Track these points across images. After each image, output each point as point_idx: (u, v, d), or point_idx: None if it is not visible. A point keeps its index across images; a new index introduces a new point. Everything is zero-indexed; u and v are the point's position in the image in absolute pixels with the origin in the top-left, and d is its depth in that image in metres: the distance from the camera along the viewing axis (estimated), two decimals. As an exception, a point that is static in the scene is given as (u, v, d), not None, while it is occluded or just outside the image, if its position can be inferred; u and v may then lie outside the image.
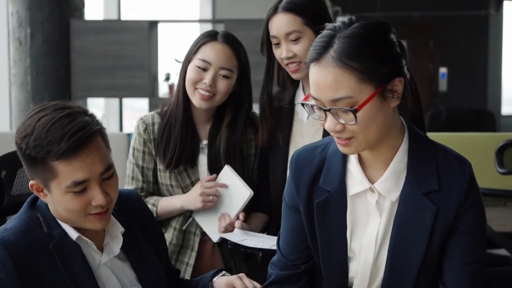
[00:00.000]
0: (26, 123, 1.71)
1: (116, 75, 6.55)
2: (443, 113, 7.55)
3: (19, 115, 6.41)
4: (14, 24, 6.34)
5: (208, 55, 2.41)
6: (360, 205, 1.74)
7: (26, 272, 1.68)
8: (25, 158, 1.71)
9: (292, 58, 2.39)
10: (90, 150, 1.69)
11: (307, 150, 1.82)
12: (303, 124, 2.48)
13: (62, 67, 6.45)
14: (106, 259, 1.82)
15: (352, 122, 1.57)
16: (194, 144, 2.48)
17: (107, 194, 1.74)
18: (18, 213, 1.81)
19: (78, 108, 1.74)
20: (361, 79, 1.55)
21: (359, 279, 1.77)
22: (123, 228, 1.85)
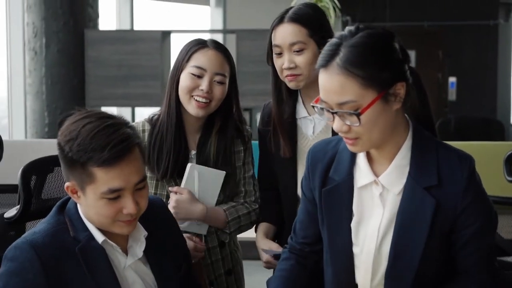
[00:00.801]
0: (71, 127, 1.78)
1: (129, 84, 6.64)
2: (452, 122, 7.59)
3: (34, 124, 6.51)
4: (30, 34, 6.43)
5: (202, 61, 2.38)
6: (366, 196, 1.84)
7: (53, 274, 1.75)
8: (66, 160, 1.79)
9: (293, 69, 2.37)
10: (129, 161, 1.77)
11: (321, 144, 1.97)
12: (309, 140, 2.47)
13: (76, 77, 6.55)
14: (131, 262, 1.89)
15: (356, 124, 1.69)
16: (185, 154, 2.46)
17: (138, 204, 1.82)
18: (47, 217, 1.89)
19: (121, 119, 1.82)
20: (364, 84, 1.67)
21: (363, 267, 1.87)
22: (146, 232, 1.93)
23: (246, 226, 2.51)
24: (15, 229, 2.07)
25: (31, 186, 2.07)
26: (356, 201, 1.85)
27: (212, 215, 2.43)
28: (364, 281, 1.88)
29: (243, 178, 2.51)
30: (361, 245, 1.86)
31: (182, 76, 2.39)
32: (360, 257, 1.86)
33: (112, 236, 1.86)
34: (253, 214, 2.52)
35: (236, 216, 2.47)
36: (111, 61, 6.59)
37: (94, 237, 1.84)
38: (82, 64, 6.59)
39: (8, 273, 1.75)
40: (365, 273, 1.87)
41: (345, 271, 1.89)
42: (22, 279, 1.74)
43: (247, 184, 2.52)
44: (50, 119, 6.44)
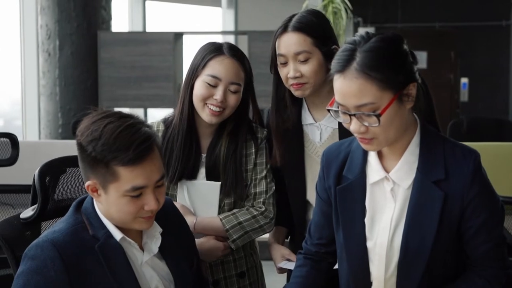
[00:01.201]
0: (92, 127, 1.80)
1: (142, 85, 6.68)
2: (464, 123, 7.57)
3: (47, 125, 6.55)
4: (43, 36, 6.48)
5: (217, 70, 2.35)
6: (378, 192, 1.92)
7: (74, 271, 1.78)
8: (88, 159, 1.81)
9: (298, 78, 2.36)
10: (151, 160, 1.81)
11: (335, 146, 2.05)
12: (317, 146, 2.47)
13: (89, 78, 6.59)
14: (147, 258, 1.93)
15: (376, 124, 1.76)
16: (196, 158, 2.44)
17: (157, 200, 1.85)
18: (65, 216, 1.92)
19: (139, 118, 1.86)
20: (382, 87, 1.75)
21: (377, 260, 1.93)
22: (161, 229, 1.97)
23: (254, 231, 2.46)
24: (31, 229, 2.10)
25: (48, 187, 2.09)
26: (369, 197, 1.92)
27: (206, 225, 2.43)
28: (378, 274, 1.93)
29: (254, 180, 2.49)
30: (374, 239, 1.92)
31: (196, 83, 2.37)
32: (374, 250, 1.92)
33: (127, 233, 1.90)
34: (261, 218, 2.47)
35: (236, 223, 2.43)
36: (124, 63, 6.63)
37: (112, 235, 1.87)
38: (95, 65, 6.64)
39: (29, 271, 1.78)
40: (379, 266, 1.93)
41: (360, 266, 1.95)
42: (43, 277, 1.76)
43: (257, 186, 2.49)
44: (64, 120, 6.49)
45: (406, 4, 10.67)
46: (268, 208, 2.49)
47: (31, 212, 2.09)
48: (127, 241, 1.89)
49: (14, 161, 3.33)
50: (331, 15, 6.01)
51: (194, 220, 2.41)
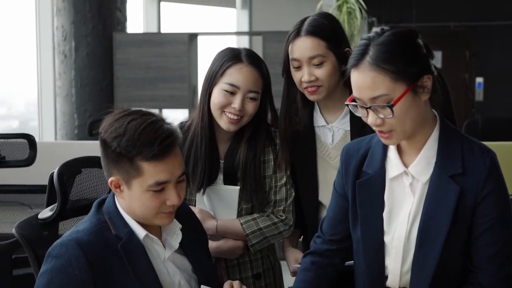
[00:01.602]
0: (115, 124, 1.84)
1: (157, 86, 6.71)
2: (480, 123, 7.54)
3: (63, 126, 6.60)
4: (59, 38, 6.52)
5: (236, 79, 2.34)
6: (398, 187, 1.94)
7: (98, 270, 1.81)
8: (112, 155, 1.85)
9: (313, 82, 2.36)
10: (174, 155, 1.85)
11: (355, 142, 2.09)
12: (329, 148, 2.47)
13: (105, 79, 6.63)
14: (169, 253, 1.96)
15: (390, 116, 1.80)
16: (217, 164, 2.45)
17: (178, 195, 1.89)
18: (87, 216, 1.95)
19: (160, 116, 1.90)
20: (394, 78, 1.79)
21: (394, 254, 1.94)
22: (181, 225, 2.00)
23: (273, 237, 2.49)
24: (48, 229, 2.12)
25: (66, 187, 2.12)
26: (388, 192, 1.95)
27: (227, 229, 2.45)
28: (394, 267, 1.95)
29: (274, 187, 2.49)
30: (392, 232, 1.94)
31: (214, 90, 2.37)
32: (391, 244, 1.95)
33: (149, 229, 1.93)
34: (281, 225, 2.49)
35: (256, 229, 2.45)
36: (139, 64, 6.66)
37: (135, 233, 1.90)
38: (110, 66, 6.67)
39: (53, 269, 1.80)
40: (395, 259, 1.95)
41: (376, 259, 1.97)
42: (67, 276, 1.79)
43: (278, 193, 2.50)
44: (80, 121, 6.52)
45: (421, 3, 10.65)
46: (288, 216, 2.50)
47: (50, 213, 2.11)
48: (150, 237, 1.92)
49: (32, 161, 3.34)
50: (346, 15, 6.00)
51: (215, 223, 2.43)
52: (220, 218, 2.46)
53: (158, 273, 1.91)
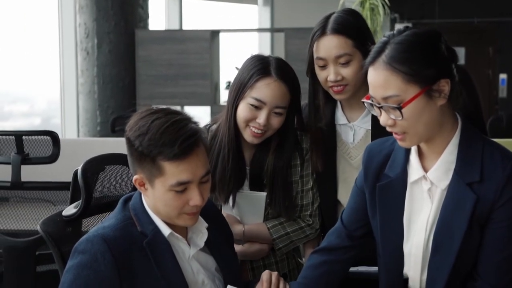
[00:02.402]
0: (140, 122, 1.83)
1: (179, 83, 6.72)
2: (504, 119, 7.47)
3: (86, 122, 6.62)
4: (82, 35, 6.55)
5: (263, 94, 2.29)
6: (417, 191, 1.90)
7: (123, 266, 1.81)
8: (135, 154, 1.84)
9: (339, 82, 2.32)
10: (196, 155, 1.83)
11: (379, 142, 2.04)
12: (350, 147, 2.45)
13: (127, 76, 6.64)
14: (194, 252, 1.95)
15: (399, 118, 1.76)
16: (243, 171, 2.42)
17: (202, 196, 1.87)
18: (113, 212, 1.95)
19: (186, 115, 1.88)
20: (407, 80, 1.74)
21: (413, 261, 1.91)
22: (207, 224, 1.99)
23: (299, 240, 2.49)
24: (72, 226, 2.13)
25: (90, 184, 2.12)
26: (408, 196, 1.91)
27: (254, 234, 2.43)
28: (414, 275, 1.93)
29: (301, 192, 2.48)
30: (411, 239, 1.91)
31: (241, 104, 2.33)
32: (410, 251, 1.92)
33: (174, 228, 1.92)
34: (307, 229, 2.48)
35: (283, 233, 2.45)
36: (161, 61, 6.67)
37: (160, 230, 1.90)
38: (133, 63, 6.68)
39: (79, 265, 1.81)
40: (415, 266, 1.92)
41: (396, 265, 1.94)
42: (93, 271, 1.79)
43: (304, 198, 2.48)
44: (102, 118, 6.55)
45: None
46: (314, 220, 2.50)
47: (74, 210, 2.12)
48: (175, 236, 1.92)
49: (55, 158, 3.36)
50: (368, 11, 5.96)
51: (243, 228, 2.42)
52: (246, 223, 2.45)
53: (182, 271, 1.91)
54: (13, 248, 3.02)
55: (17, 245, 3.03)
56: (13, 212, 3.49)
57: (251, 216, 2.46)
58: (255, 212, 2.45)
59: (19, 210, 3.50)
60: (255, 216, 2.46)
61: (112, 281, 1.80)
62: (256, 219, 2.46)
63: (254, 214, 2.46)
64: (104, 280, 1.80)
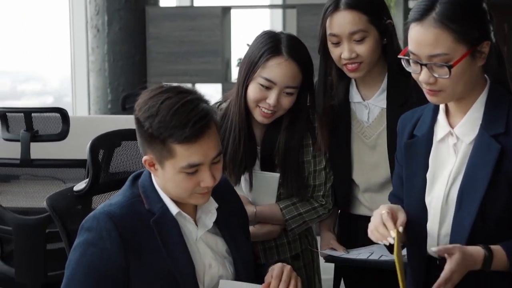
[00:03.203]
0: (149, 103, 1.77)
1: (190, 60, 6.67)
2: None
3: (97, 100, 6.60)
4: (92, 12, 6.50)
5: (273, 74, 2.23)
6: (443, 149, 1.94)
7: (129, 244, 1.78)
8: (145, 135, 1.80)
9: (354, 59, 2.26)
10: (208, 137, 1.78)
11: (410, 111, 2.08)
12: (364, 126, 2.40)
13: (138, 54, 6.60)
14: (202, 233, 1.91)
15: (446, 76, 1.78)
16: (254, 151, 2.39)
17: (213, 177, 1.83)
18: (121, 190, 1.91)
19: (197, 94, 1.82)
20: (457, 39, 1.77)
21: (432, 214, 1.93)
22: (217, 204, 1.94)
23: (312, 220, 2.45)
24: (82, 203, 2.09)
25: (99, 160, 2.09)
26: (433, 154, 1.94)
27: (266, 215, 2.40)
28: (432, 231, 1.93)
29: (313, 172, 2.43)
30: (432, 193, 1.93)
31: (251, 84, 2.28)
32: (430, 204, 1.93)
33: (183, 207, 1.89)
34: (320, 209, 2.45)
35: (296, 214, 2.41)
36: (172, 38, 6.61)
37: (168, 209, 1.86)
38: (143, 41, 6.64)
39: (85, 242, 1.79)
40: (433, 221, 1.93)
41: (418, 221, 1.94)
42: (99, 249, 1.77)
43: (317, 178, 2.44)
44: (113, 96, 6.52)
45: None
46: (327, 200, 2.46)
47: (83, 185, 2.09)
48: (183, 215, 1.88)
49: (65, 136, 3.34)
50: (382, -14, 5.87)
51: (254, 210, 2.37)
52: (258, 203, 2.41)
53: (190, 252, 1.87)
54: (23, 226, 3.02)
55: (27, 222, 3.02)
56: (23, 190, 3.47)
57: (264, 197, 2.42)
58: (268, 193, 2.41)
59: (29, 188, 3.48)
60: (267, 197, 2.42)
61: (118, 259, 1.77)
62: (269, 200, 2.42)
63: (267, 195, 2.42)
64: (109, 258, 1.77)
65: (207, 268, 1.91)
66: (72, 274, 1.79)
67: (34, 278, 3.12)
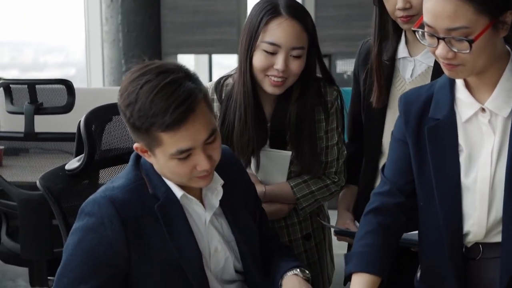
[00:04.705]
0: (129, 88, 1.67)
1: (206, 31, 6.55)
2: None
3: (111, 72, 6.52)
4: (106, -19, 6.41)
5: (276, 37, 2.14)
6: (473, 129, 1.80)
7: (131, 231, 1.70)
8: (129, 125, 1.70)
9: (408, 10, 2.19)
10: (194, 120, 1.66)
11: (412, 90, 1.95)
12: (406, 83, 2.31)
13: (152, 24, 6.49)
14: (210, 215, 1.82)
15: (467, 51, 1.66)
16: (264, 129, 2.28)
17: (211, 157, 1.72)
18: (124, 171, 1.82)
19: (181, 71, 1.69)
20: (478, 10, 1.64)
21: (479, 198, 1.79)
22: (223, 181, 1.85)
23: (324, 198, 2.36)
24: (75, 181, 2.00)
25: (94, 135, 1.99)
26: (463, 136, 1.81)
27: (276, 194, 2.30)
28: (480, 219, 1.80)
29: (325, 148, 2.33)
30: (474, 176, 1.80)
31: (255, 54, 2.18)
32: (474, 188, 1.80)
33: (188, 189, 1.80)
34: (333, 186, 2.36)
35: (307, 192, 2.32)
36: (187, 8, 6.49)
37: (173, 192, 1.77)
38: (158, 11, 6.53)
39: (85, 227, 1.71)
40: (480, 207, 1.79)
41: (453, 204, 1.82)
42: (99, 235, 1.70)
43: (329, 154, 2.34)
44: (127, 67, 6.43)
45: None
46: (340, 177, 2.37)
47: (77, 163, 1.99)
48: (188, 198, 1.79)
49: (70, 108, 3.26)
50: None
51: (264, 189, 2.28)
52: (269, 182, 2.31)
53: (196, 238, 1.78)
54: (28, 201, 2.97)
55: (32, 198, 2.97)
56: (28, 164, 3.40)
57: (274, 175, 2.32)
58: (279, 171, 2.31)
59: (35, 162, 3.42)
60: (278, 175, 2.32)
61: (119, 247, 1.69)
62: (279, 178, 2.32)
63: (277, 174, 2.32)
64: (110, 245, 1.69)
65: (213, 253, 1.83)
66: (69, 259, 1.71)
67: (40, 254, 3.08)
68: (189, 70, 1.71)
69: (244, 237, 1.88)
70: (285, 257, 1.99)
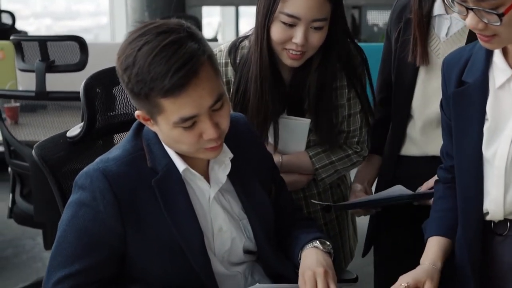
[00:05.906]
0: (127, 50, 1.52)
1: (233, -19, 6.39)
2: None
3: (135, 25, 6.38)
4: None
5: (296, 8, 1.97)
6: (505, 96, 1.67)
7: (126, 206, 1.58)
8: (128, 91, 1.56)
9: None
10: (197, 84, 1.50)
11: (455, 52, 1.83)
12: (440, 42, 2.16)
13: (176, -25, 6.36)
14: (215, 192, 1.69)
15: (497, 23, 1.53)
16: (282, 97, 2.14)
17: (218, 125, 1.58)
18: (123, 140, 1.69)
19: (183, 30, 1.53)
20: None
21: (496, 174, 1.67)
22: (232, 154, 1.71)
23: (345, 169, 2.22)
24: (77, 150, 1.87)
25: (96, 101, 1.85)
26: (492, 104, 1.68)
27: (293, 164, 2.17)
28: (497, 196, 1.69)
29: (348, 116, 2.19)
30: (495, 149, 1.68)
31: (273, 25, 2.01)
32: (492, 163, 1.68)
33: (192, 162, 1.66)
34: (355, 157, 2.22)
35: (327, 162, 2.18)
36: (213, -43, 6.33)
37: (175, 166, 1.64)
38: (182, -40, 6.38)
39: (78, 202, 1.60)
40: (498, 183, 1.68)
41: (473, 179, 1.71)
42: (92, 209, 1.58)
43: (351, 123, 2.20)
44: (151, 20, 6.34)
45: None
46: (362, 147, 2.23)
47: (78, 130, 1.87)
48: (191, 172, 1.65)
49: (83, 66, 3.15)
50: None
51: (280, 160, 2.15)
52: (286, 152, 2.18)
53: (198, 216, 1.64)
54: (40, 162, 2.87)
55: (44, 158, 2.87)
56: (42, 123, 3.31)
57: (292, 144, 2.18)
58: (297, 140, 2.18)
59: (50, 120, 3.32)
60: (296, 144, 2.18)
61: (113, 223, 1.57)
62: (297, 147, 2.19)
63: (295, 143, 2.18)
64: (103, 221, 1.57)
65: (217, 233, 1.69)
66: (63, 236, 1.60)
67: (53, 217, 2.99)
68: (193, 29, 1.55)
69: (257, 214, 1.74)
70: (305, 229, 1.86)
